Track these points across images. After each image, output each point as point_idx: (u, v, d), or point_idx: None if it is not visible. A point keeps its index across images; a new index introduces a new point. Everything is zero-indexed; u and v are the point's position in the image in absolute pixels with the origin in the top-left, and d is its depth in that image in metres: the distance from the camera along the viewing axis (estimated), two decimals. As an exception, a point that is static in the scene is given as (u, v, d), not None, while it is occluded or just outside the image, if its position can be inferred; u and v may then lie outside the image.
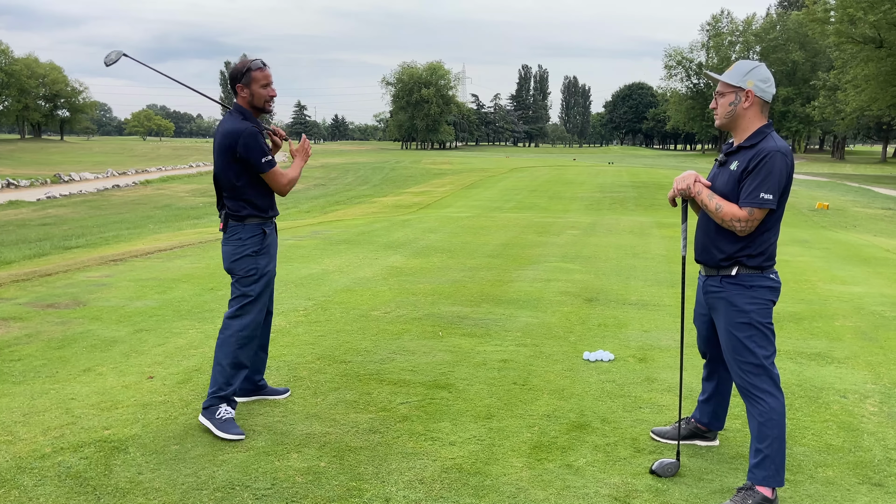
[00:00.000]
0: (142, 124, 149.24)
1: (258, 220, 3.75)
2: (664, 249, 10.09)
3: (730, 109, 3.02)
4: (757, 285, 2.99)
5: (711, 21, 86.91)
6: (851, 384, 4.48)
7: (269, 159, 3.66)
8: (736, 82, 2.99)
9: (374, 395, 4.18)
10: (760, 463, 2.95)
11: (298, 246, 9.97)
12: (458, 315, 6.09)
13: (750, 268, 2.99)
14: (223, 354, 3.70)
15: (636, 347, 5.21)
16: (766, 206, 2.87)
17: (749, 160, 2.92)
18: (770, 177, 2.86)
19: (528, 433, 3.69)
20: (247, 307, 3.75)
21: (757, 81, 2.97)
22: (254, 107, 3.72)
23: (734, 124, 3.04)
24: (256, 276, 3.74)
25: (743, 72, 3.00)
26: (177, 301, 6.46)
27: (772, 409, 2.97)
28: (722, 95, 3.04)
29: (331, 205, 24.34)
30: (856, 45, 43.29)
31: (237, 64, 3.75)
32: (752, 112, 2.99)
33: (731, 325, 3.02)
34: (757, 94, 2.97)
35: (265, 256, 3.79)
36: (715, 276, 3.09)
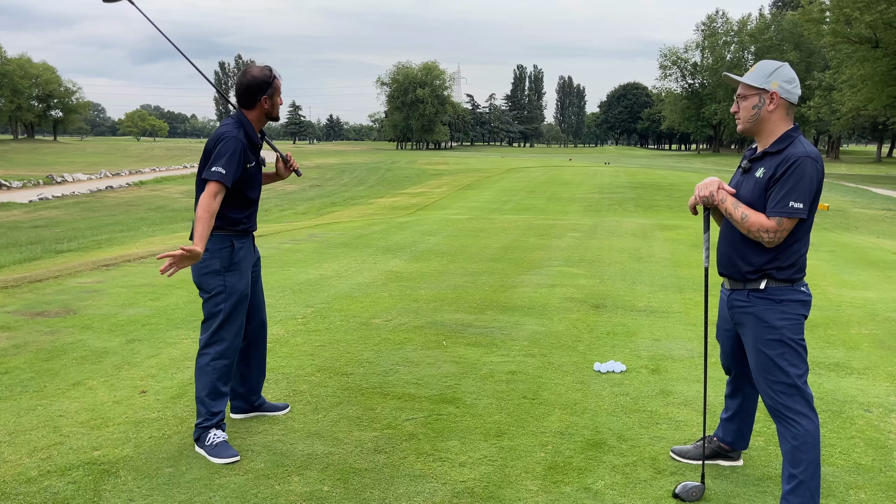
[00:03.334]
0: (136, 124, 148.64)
1: (225, 230, 3.45)
2: (668, 253, 9.92)
3: (754, 113, 2.83)
4: (787, 299, 2.81)
5: (706, 21, 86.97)
6: (874, 397, 4.31)
7: (220, 171, 3.27)
8: (759, 84, 2.81)
9: (379, 411, 3.99)
10: (795, 489, 2.79)
11: (295, 250, 9.76)
12: (461, 323, 5.90)
13: (779, 280, 2.81)
14: (201, 386, 3.46)
15: (648, 357, 5.03)
16: (797, 216, 2.70)
17: (777, 167, 2.75)
18: (800, 184, 2.69)
19: (541, 452, 3.50)
20: (220, 332, 3.46)
21: (782, 82, 2.80)
22: (270, 117, 3.54)
23: (758, 128, 2.86)
24: (225, 295, 3.43)
25: (767, 72, 2.82)
26: (171, 308, 6.25)
27: (806, 431, 2.78)
28: (744, 98, 2.86)
29: (327, 206, 24.13)
30: (851, 45, 43.29)
31: (258, 73, 3.45)
32: (778, 115, 2.82)
33: (761, 343, 2.84)
34: (782, 96, 2.79)
35: (235, 274, 3.47)
36: (741, 289, 2.90)
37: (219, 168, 3.31)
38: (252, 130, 3.50)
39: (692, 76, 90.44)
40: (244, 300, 3.54)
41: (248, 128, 3.48)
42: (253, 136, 3.51)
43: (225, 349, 3.48)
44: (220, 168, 3.31)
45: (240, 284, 3.49)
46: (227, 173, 3.32)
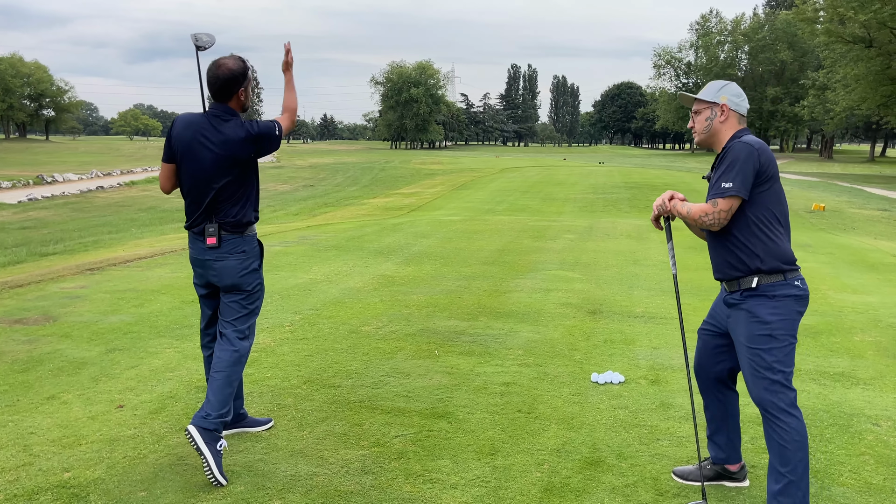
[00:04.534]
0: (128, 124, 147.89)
1: (254, 229, 3.55)
2: (665, 255, 9.77)
3: (707, 124, 3.03)
4: (781, 294, 2.84)
5: (700, 21, 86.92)
6: (882, 409, 4.15)
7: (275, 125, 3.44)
8: (710, 98, 3.02)
9: (367, 427, 3.80)
10: (785, 489, 2.78)
11: (286, 252, 9.57)
12: (454, 330, 5.73)
13: (770, 274, 2.85)
14: (236, 376, 3.42)
15: (647, 367, 4.86)
16: (728, 195, 2.81)
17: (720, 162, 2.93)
18: (732, 166, 2.82)
19: (537, 472, 3.33)
20: (253, 325, 3.56)
21: (730, 96, 3.01)
22: (245, 109, 3.47)
23: (712, 139, 3.04)
24: (261, 292, 3.57)
25: (716, 88, 3.04)
26: (154, 315, 6.06)
27: (794, 429, 2.78)
28: (698, 113, 3.07)
29: (319, 207, 23.91)
30: (845, 44, 43.24)
31: (233, 66, 3.33)
32: (729, 125, 3.00)
33: (751, 338, 2.85)
34: (732, 108, 2.99)
35: (262, 271, 3.61)
36: (736, 290, 2.93)
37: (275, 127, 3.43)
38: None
39: (686, 76, 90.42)
40: None
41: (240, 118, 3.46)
42: None
43: (253, 341, 3.58)
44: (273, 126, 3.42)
45: (264, 280, 3.67)
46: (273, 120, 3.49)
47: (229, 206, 3.38)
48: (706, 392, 3.23)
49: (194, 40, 3.58)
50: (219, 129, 3.31)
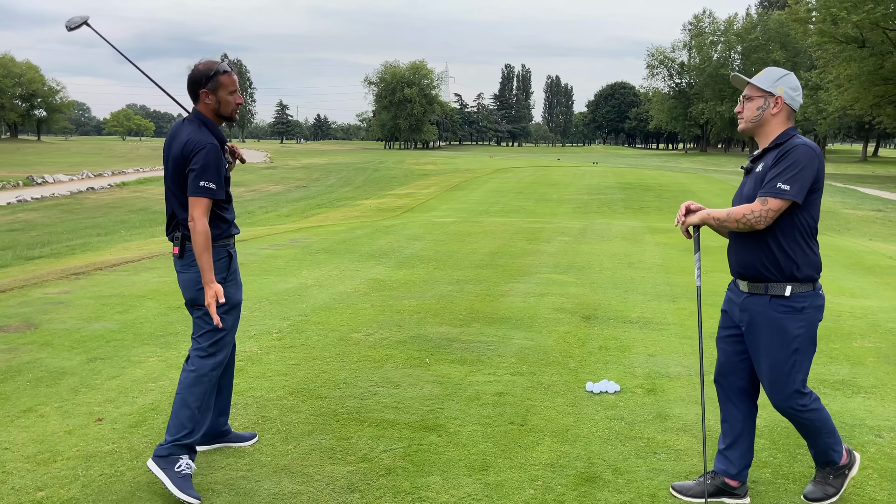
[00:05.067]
0: (121, 124, 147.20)
1: (223, 240, 3.29)
2: (660, 258, 9.66)
3: (757, 114, 2.91)
4: (808, 306, 2.86)
5: (693, 21, 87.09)
6: (884, 419, 4.05)
7: (210, 187, 3.10)
8: (767, 87, 2.90)
9: (354, 441, 3.67)
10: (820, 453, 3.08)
11: (275, 256, 9.42)
12: (446, 337, 5.60)
13: (803, 283, 2.85)
14: (194, 397, 3.21)
15: (643, 376, 4.75)
16: (783, 197, 2.74)
17: (774, 157, 2.84)
18: (791, 167, 2.75)
19: (530, 489, 3.20)
20: (219, 343, 3.30)
21: (787, 88, 2.90)
22: (220, 115, 3.26)
23: (759, 130, 2.94)
24: (226, 307, 3.27)
25: (774, 77, 2.91)
26: (139, 322, 5.91)
27: (814, 417, 2.96)
28: (750, 100, 2.94)
29: (312, 208, 23.75)
30: (838, 44, 43.33)
31: (200, 66, 3.23)
32: (779, 119, 2.90)
33: (777, 350, 2.88)
34: (786, 101, 2.89)
35: (233, 284, 3.35)
36: (762, 294, 2.90)
37: (207, 183, 3.10)
38: (217, 129, 3.28)
39: (679, 76, 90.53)
40: (239, 310, 3.42)
41: (212, 127, 3.25)
42: (220, 135, 3.28)
43: (221, 360, 3.33)
44: (208, 183, 3.10)
45: (237, 295, 3.37)
46: (219, 187, 3.15)
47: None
48: (727, 403, 3.15)
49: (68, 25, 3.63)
50: (180, 130, 3.22)
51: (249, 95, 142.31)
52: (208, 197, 3.11)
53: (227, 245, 3.32)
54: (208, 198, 3.11)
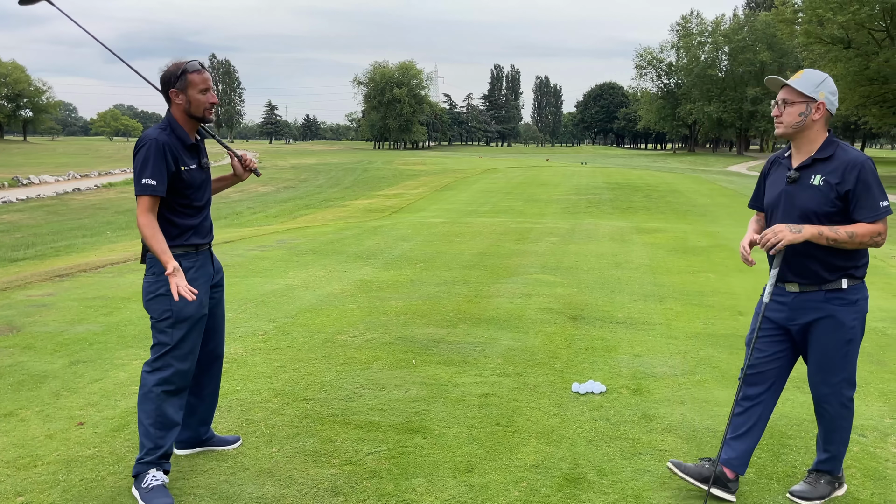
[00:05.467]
0: (108, 124, 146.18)
1: (178, 250, 3.15)
2: (647, 259, 9.69)
3: (799, 120, 2.92)
4: (861, 297, 2.99)
5: (681, 21, 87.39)
6: (867, 419, 4.07)
7: (149, 183, 3.01)
8: (809, 92, 2.90)
9: (339, 444, 3.65)
10: (828, 461, 3.15)
11: (262, 257, 9.37)
12: (433, 338, 5.58)
13: (857, 278, 2.97)
14: (145, 414, 3.13)
15: (629, 376, 4.75)
16: (889, 213, 2.89)
17: (844, 177, 2.86)
18: (876, 184, 2.86)
19: (515, 491, 3.20)
20: (166, 358, 3.15)
21: (828, 93, 2.92)
22: (192, 116, 3.17)
23: (799, 135, 2.96)
24: (172, 321, 3.13)
25: (816, 82, 2.91)
26: (123, 324, 5.86)
27: (845, 417, 3.09)
28: (791, 104, 2.93)
29: (300, 208, 23.67)
30: (824, 45, 43.62)
31: (170, 66, 3.18)
32: (820, 124, 2.94)
33: (834, 342, 2.97)
34: (827, 107, 2.92)
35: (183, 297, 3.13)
36: (816, 291, 2.97)
37: (147, 180, 3.03)
38: (181, 130, 3.18)
39: (667, 76, 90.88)
40: (196, 324, 3.22)
41: (175, 127, 3.17)
42: (183, 136, 3.18)
43: (170, 375, 3.16)
44: (148, 179, 3.03)
45: (189, 308, 3.17)
46: (159, 183, 3.05)
47: None
48: (750, 398, 3.16)
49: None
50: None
51: (238, 95, 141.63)
52: (148, 194, 3.03)
53: (180, 256, 3.15)
54: (148, 195, 3.03)
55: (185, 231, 3.20)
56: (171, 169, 3.09)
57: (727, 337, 5.71)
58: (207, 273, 3.32)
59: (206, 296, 3.29)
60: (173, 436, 3.18)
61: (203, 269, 3.29)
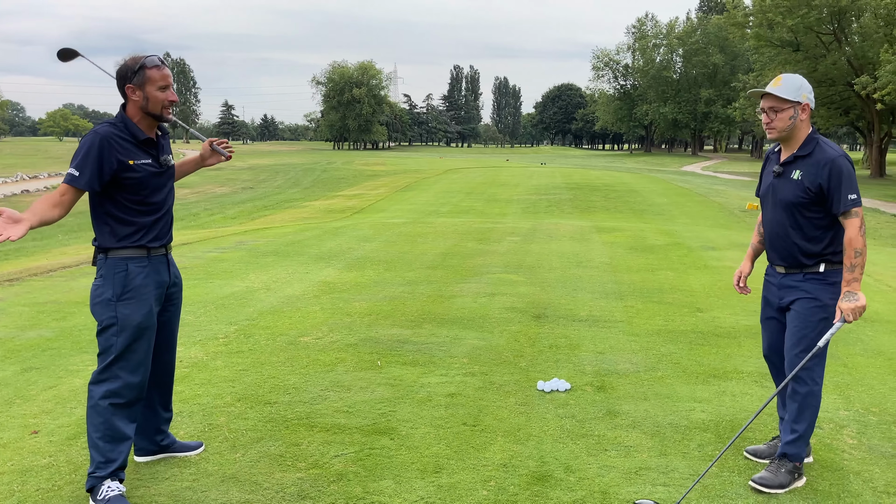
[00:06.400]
0: (58, 124, 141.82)
1: (127, 252, 3.03)
2: (607, 257, 9.81)
3: (790, 123, 3.15)
4: (839, 281, 3.17)
5: (637, 24, 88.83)
6: (824, 411, 4.17)
7: (72, 174, 2.90)
8: (793, 97, 3.13)
9: (304, 447, 3.61)
10: (795, 441, 3.24)
11: (221, 259, 9.21)
12: (397, 339, 5.56)
13: (835, 263, 3.18)
14: (93, 427, 3.01)
15: (592, 373, 4.80)
16: (859, 204, 3.10)
17: (817, 172, 3.12)
18: (847, 179, 3.08)
19: (483, 490, 3.19)
20: (112, 368, 3.01)
21: (808, 94, 3.16)
22: (148, 113, 3.05)
23: (790, 135, 3.20)
24: (117, 328, 2.99)
25: (796, 86, 3.14)
26: (77, 329, 5.69)
27: (815, 395, 3.23)
28: (780, 111, 3.15)
29: (259, 210, 23.37)
30: (774, 48, 44.85)
31: (127, 61, 3.05)
32: (806, 122, 3.18)
33: (808, 313, 3.18)
34: (811, 106, 3.16)
35: (130, 303, 3.01)
36: (797, 272, 3.24)
37: (72, 170, 2.93)
38: (135, 126, 3.05)
39: (624, 77, 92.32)
40: (144, 333, 3.08)
41: (128, 123, 3.05)
42: (136, 132, 3.05)
43: (119, 388, 3.02)
44: (72, 169, 2.93)
45: (136, 316, 3.03)
46: (81, 175, 2.92)
47: (95, 222, 3.06)
48: (779, 376, 3.47)
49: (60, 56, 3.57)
50: None
51: (193, 95, 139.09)
52: (67, 183, 2.91)
53: (126, 259, 3.03)
54: (67, 184, 2.91)
55: (137, 231, 3.06)
56: (111, 165, 2.96)
57: (687, 333, 5.82)
58: (160, 280, 3.17)
59: (156, 304, 3.14)
60: (126, 448, 3.07)
61: (155, 275, 3.13)
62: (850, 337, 5.78)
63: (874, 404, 4.30)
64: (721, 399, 4.34)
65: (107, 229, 3.04)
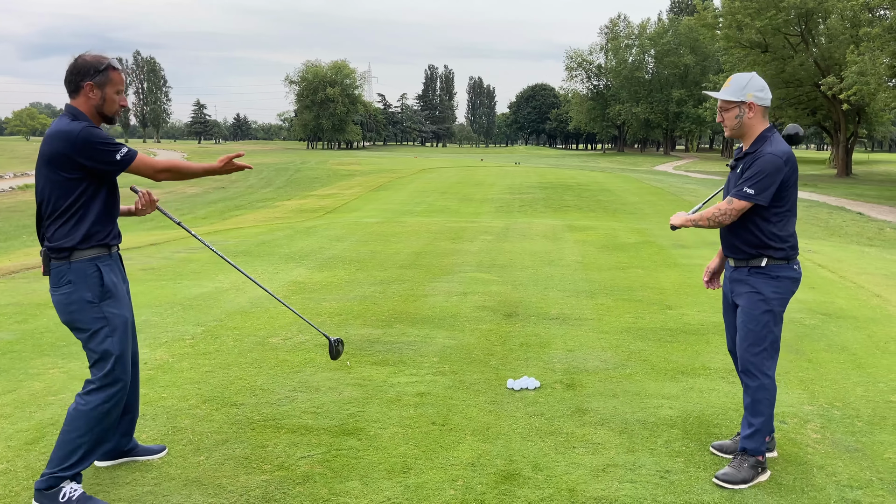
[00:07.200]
0: (25, 123, 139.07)
1: (93, 252, 2.96)
2: (579, 255, 9.86)
3: (737, 122, 3.30)
4: (783, 276, 3.28)
5: (609, 25, 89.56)
6: (788, 406, 4.23)
7: (126, 150, 2.93)
8: (737, 98, 3.26)
9: (270, 449, 3.56)
10: (752, 436, 3.30)
11: (190, 260, 9.08)
12: (368, 339, 5.52)
13: (777, 259, 3.27)
14: (81, 432, 2.92)
15: (562, 371, 4.81)
16: (746, 199, 3.17)
17: (748, 163, 3.26)
18: (757, 175, 3.16)
19: (451, 490, 3.18)
20: (115, 372, 2.98)
21: (755, 92, 3.26)
22: (102, 114, 3.00)
23: (742, 132, 3.33)
24: (108, 331, 2.97)
25: (741, 86, 3.27)
26: (38, 332, 5.56)
27: (765, 388, 3.29)
28: (726, 111, 3.31)
29: (230, 210, 23.12)
30: (743, 49, 45.49)
31: (88, 57, 2.98)
32: (756, 120, 3.29)
33: (752, 307, 3.28)
34: (758, 104, 3.26)
35: (112, 301, 3.00)
36: (743, 267, 3.34)
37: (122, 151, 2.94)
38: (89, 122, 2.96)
39: (597, 78, 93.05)
40: (130, 330, 3.11)
41: (80, 118, 2.94)
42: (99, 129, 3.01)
43: (119, 391, 3.01)
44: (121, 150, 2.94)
45: (122, 314, 3.04)
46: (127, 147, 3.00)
47: (55, 225, 2.92)
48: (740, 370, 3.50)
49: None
50: (53, 126, 2.96)
51: (164, 94, 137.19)
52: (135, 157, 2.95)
53: (94, 259, 2.97)
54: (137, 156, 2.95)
55: (104, 228, 3.01)
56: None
57: (656, 331, 5.86)
58: (123, 277, 3.20)
59: (128, 300, 3.18)
60: (102, 450, 3.06)
61: (120, 272, 3.16)
62: (815, 333, 5.87)
63: (838, 399, 4.37)
64: (689, 395, 4.37)
65: (77, 229, 2.93)
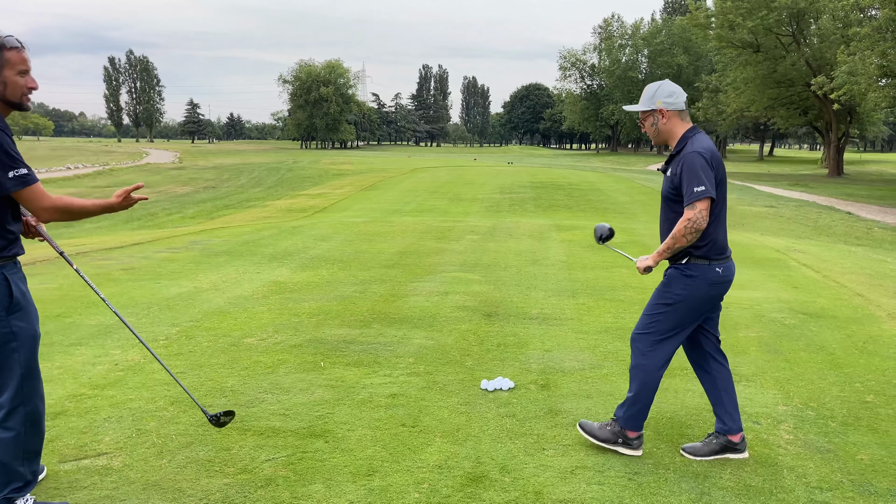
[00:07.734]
0: (16, 123, 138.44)
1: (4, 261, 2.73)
2: (564, 255, 9.82)
3: (654, 129, 3.45)
4: (698, 275, 3.34)
5: (603, 25, 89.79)
6: (762, 406, 4.20)
7: (23, 173, 2.64)
8: (647, 107, 3.41)
9: (235, 451, 3.50)
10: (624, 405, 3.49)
11: (171, 259, 9.00)
12: (344, 339, 5.46)
13: (697, 258, 3.34)
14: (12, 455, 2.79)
15: (538, 371, 4.76)
16: (703, 196, 3.21)
17: (676, 169, 3.34)
18: (695, 173, 3.23)
19: (415, 493, 3.13)
20: (24, 390, 2.80)
21: (664, 98, 3.37)
22: (6, 100, 2.72)
23: (663, 138, 3.46)
24: (16, 345, 2.76)
25: (649, 95, 3.41)
26: None
27: (641, 368, 3.42)
28: (644, 121, 3.49)
29: (219, 209, 23.01)
30: (735, 49, 45.56)
31: None
32: (673, 124, 3.40)
33: (657, 296, 3.46)
34: (669, 109, 3.37)
35: (21, 314, 2.78)
36: (672, 265, 3.47)
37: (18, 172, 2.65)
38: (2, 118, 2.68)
39: (591, 77, 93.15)
40: (37, 342, 2.89)
41: None
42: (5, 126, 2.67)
43: (36, 405, 2.86)
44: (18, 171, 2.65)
45: (30, 327, 2.82)
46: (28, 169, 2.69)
47: None
48: (696, 367, 3.62)
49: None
50: None
51: (157, 94, 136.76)
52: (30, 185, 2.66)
53: (2, 268, 2.73)
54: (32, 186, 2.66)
55: (13, 238, 2.81)
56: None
57: (636, 330, 5.81)
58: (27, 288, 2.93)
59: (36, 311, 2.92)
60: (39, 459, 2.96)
61: (24, 280, 2.91)
62: (795, 332, 5.84)
63: (813, 399, 4.33)
64: (664, 396, 4.33)
65: None
